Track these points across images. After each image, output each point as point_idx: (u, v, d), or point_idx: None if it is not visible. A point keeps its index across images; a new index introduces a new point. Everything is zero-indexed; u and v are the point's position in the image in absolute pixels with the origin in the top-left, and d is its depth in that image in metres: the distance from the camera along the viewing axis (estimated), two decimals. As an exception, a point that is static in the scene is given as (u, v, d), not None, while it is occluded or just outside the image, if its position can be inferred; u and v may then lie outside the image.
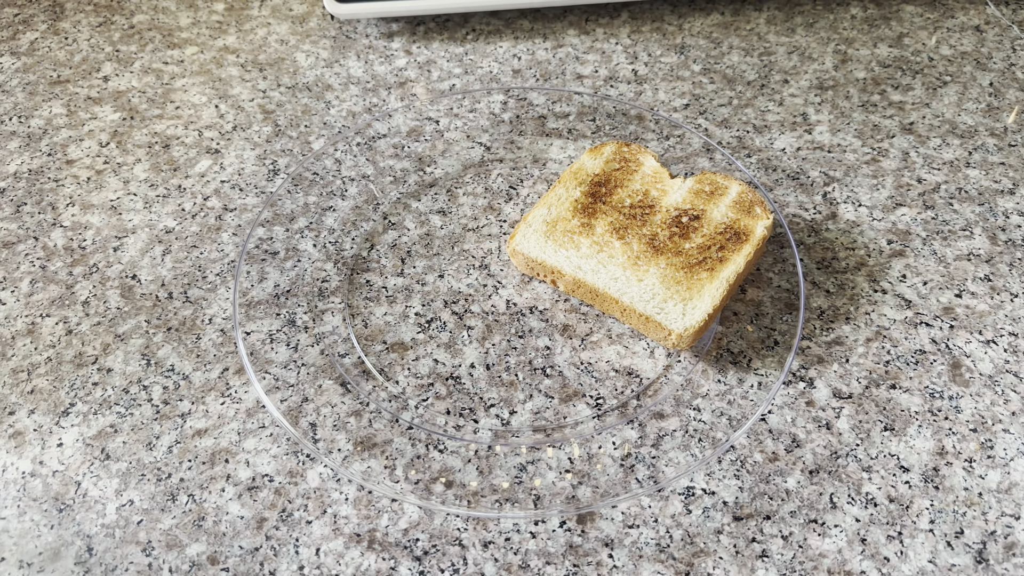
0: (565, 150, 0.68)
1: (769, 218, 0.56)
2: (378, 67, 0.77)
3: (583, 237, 0.58)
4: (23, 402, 0.54)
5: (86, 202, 0.66)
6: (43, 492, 0.50)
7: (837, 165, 0.67)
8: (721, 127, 0.70)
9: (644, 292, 0.55)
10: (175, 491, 0.50)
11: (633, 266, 0.56)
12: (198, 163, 0.69)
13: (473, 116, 0.72)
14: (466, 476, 0.50)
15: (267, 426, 0.52)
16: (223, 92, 0.75)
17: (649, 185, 0.60)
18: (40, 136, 0.72)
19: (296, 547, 0.47)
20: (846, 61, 0.76)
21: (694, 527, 0.47)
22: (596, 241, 0.57)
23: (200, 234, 0.63)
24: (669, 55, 0.77)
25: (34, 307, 0.59)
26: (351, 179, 0.67)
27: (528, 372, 0.55)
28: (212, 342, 0.57)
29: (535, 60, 0.77)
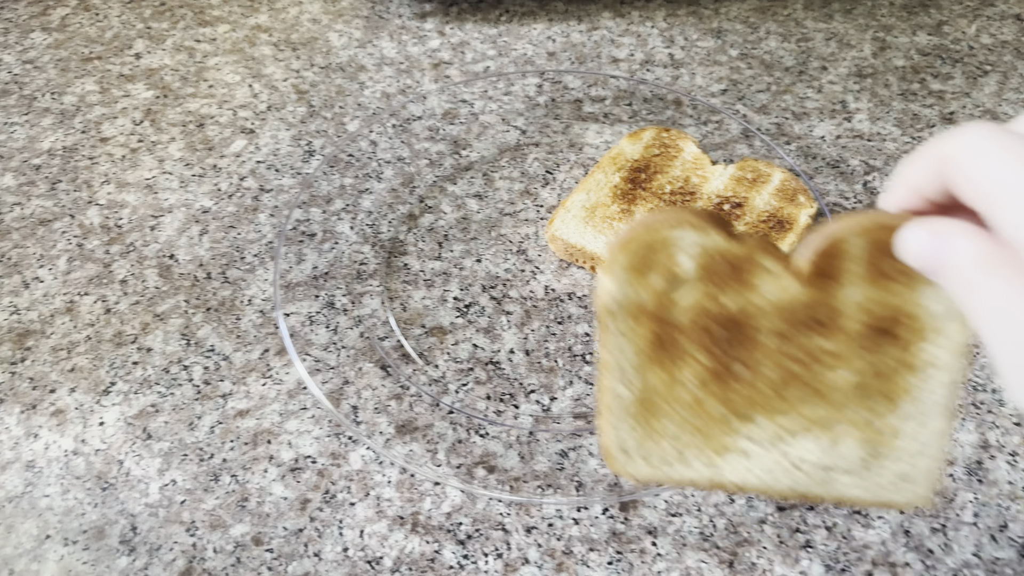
0: (601, 135, 0.68)
1: (813, 206, 0.56)
2: (411, 48, 0.77)
3: (623, 223, 0.57)
4: (64, 380, 0.54)
5: (121, 180, 0.66)
6: (86, 470, 0.50)
7: (877, 154, 0.66)
8: (760, 113, 0.69)
9: None
10: (218, 471, 0.50)
11: None
12: (233, 143, 0.68)
13: (508, 99, 0.71)
14: (508, 461, 0.50)
15: (308, 407, 0.52)
16: (256, 71, 0.75)
17: (690, 171, 0.60)
18: (73, 113, 0.72)
19: (340, 529, 0.47)
20: (885, 48, 0.75)
21: (738, 516, 0.47)
22: None
23: (237, 214, 0.63)
24: (706, 39, 0.76)
25: (72, 285, 0.59)
26: (387, 161, 0.67)
27: (568, 358, 0.55)
28: (252, 323, 0.57)
29: (570, 43, 0.76)
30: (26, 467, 0.50)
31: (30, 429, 0.52)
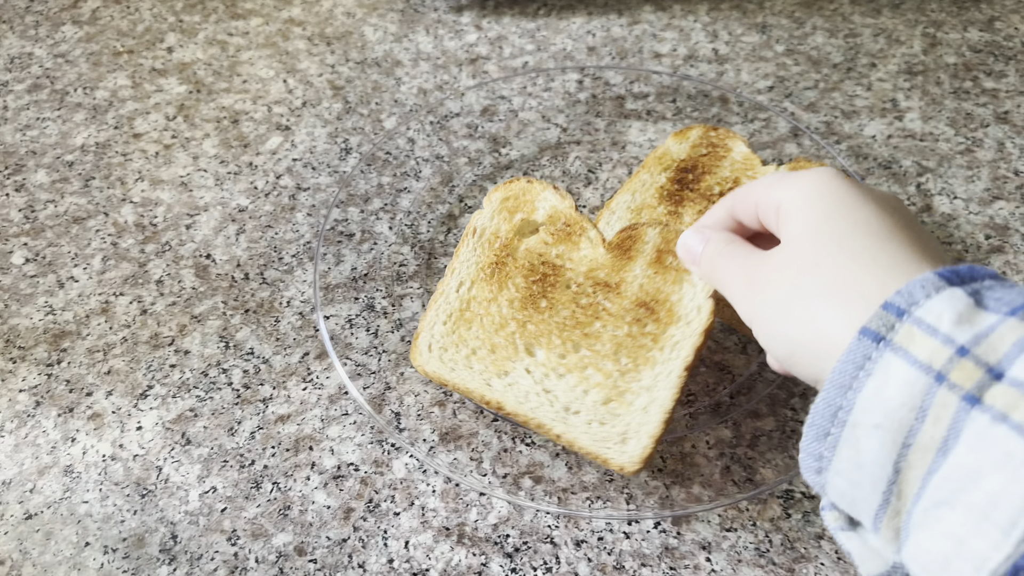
0: (645, 132, 0.66)
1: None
2: (448, 42, 0.75)
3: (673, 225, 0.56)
4: (100, 383, 0.53)
5: (155, 177, 0.65)
6: (124, 476, 0.49)
7: (930, 154, 0.64)
8: (808, 111, 0.67)
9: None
10: (259, 479, 0.49)
11: None
12: (268, 140, 0.67)
13: (548, 95, 0.70)
14: (555, 472, 0.48)
15: (350, 413, 0.51)
16: (290, 66, 0.73)
17: (739, 172, 0.58)
18: (106, 108, 0.71)
19: (385, 539, 0.46)
20: (935, 45, 0.73)
21: (794, 532, 0.46)
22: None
23: (274, 213, 0.62)
24: (751, 34, 0.74)
25: (107, 285, 0.58)
26: (425, 159, 0.65)
27: (615, 365, 0.53)
28: (291, 325, 0.55)
29: (610, 37, 0.75)
30: (64, 472, 0.49)
31: (67, 433, 0.51)
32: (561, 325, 0.46)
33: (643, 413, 0.43)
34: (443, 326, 0.48)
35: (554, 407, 0.45)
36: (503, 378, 0.46)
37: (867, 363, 0.27)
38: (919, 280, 0.27)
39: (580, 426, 0.44)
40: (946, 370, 0.25)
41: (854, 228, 0.32)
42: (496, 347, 0.47)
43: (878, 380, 0.26)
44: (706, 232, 0.41)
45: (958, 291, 0.27)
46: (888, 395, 0.26)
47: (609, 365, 0.45)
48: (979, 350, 0.25)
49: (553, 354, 0.46)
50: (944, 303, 0.26)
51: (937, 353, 0.25)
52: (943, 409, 0.25)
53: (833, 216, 0.33)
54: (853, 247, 0.31)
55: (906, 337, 0.26)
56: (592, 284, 0.47)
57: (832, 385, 0.28)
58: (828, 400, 0.28)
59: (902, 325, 0.27)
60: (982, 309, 0.26)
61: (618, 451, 0.43)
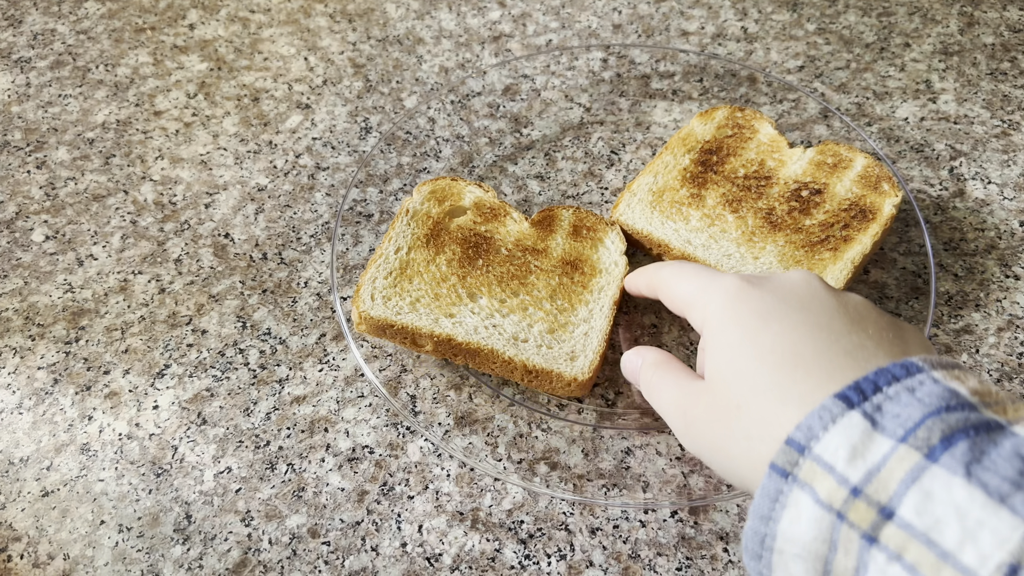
0: (670, 113, 0.65)
1: (898, 195, 0.52)
2: (471, 20, 0.74)
3: (692, 209, 0.55)
4: (118, 361, 0.53)
5: (175, 155, 0.65)
6: (140, 455, 0.49)
7: (964, 138, 0.62)
8: (839, 92, 0.65)
9: (761, 271, 0.51)
10: (274, 459, 0.48)
11: (748, 243, 0.53)
12: (288, 118, 0.67)
13: (571, 74, 0.68)
14: (571, 458, 0.48)
15: (366, 395, 0.51)
16: (312, 44, 0.73)
17: (765, 154, 0.56)
18: (127, 85, 0.70)
19: (398, 523, 0.46)
20: (972, 24, 0.71)
21: (814, 524, 0.45)
22: (707, 214, 0.54)
23: (293, 193, 0.61)
24: (781, 12, 0.72)
25: (126, 263, 0.58)
26: (445, 139, 0.64)
27: (635, 350, 0.52)
28: (308, 306, 0.55)
29: (636, 14, 0.73)
30: (81, 450, 0.49)
31: (84, 411, 0.51)
32: (499, 278, 0.51)
33: (584, 337, 0.49)
34: (384, 280, 0.50)
35: (503, 337, 0.49)
36: (450, 319, 0.49)
37: (780, 496, 0.29)
38: (818, 410, 0.29)
39: (531, 350, 0.48)
40: (844, 510, 0.27)
41: (769, 353, 0.33)
42: (439, 296, 0.50)
43: (791, 514, 0.28)
44: (641, 352, 0.44)
45: (856, 416, 0.28)
46: (801, 529, 0.28)
47: (547, 305, 0.50)
48: (871, 489, 0.27)
49: (495, 300, 0.50)
50: (840, 436, 0.28)
51: (835, 493, 0.27)
52: (849, 544, 0.27)
53: (746, 343, 0.35)
54: (768, 381, 0.33)
55: (808, 473, 0.28)
56: (521, 250, 0.53)
57: (754, 515, 0.30)
58: (754, 529, 0.30)
59: (804, 461, 0.28)
60: (878, 433, 0.27)
61: (568, 366, 0.48)
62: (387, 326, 0.48)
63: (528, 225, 0.54)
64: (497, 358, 0.48)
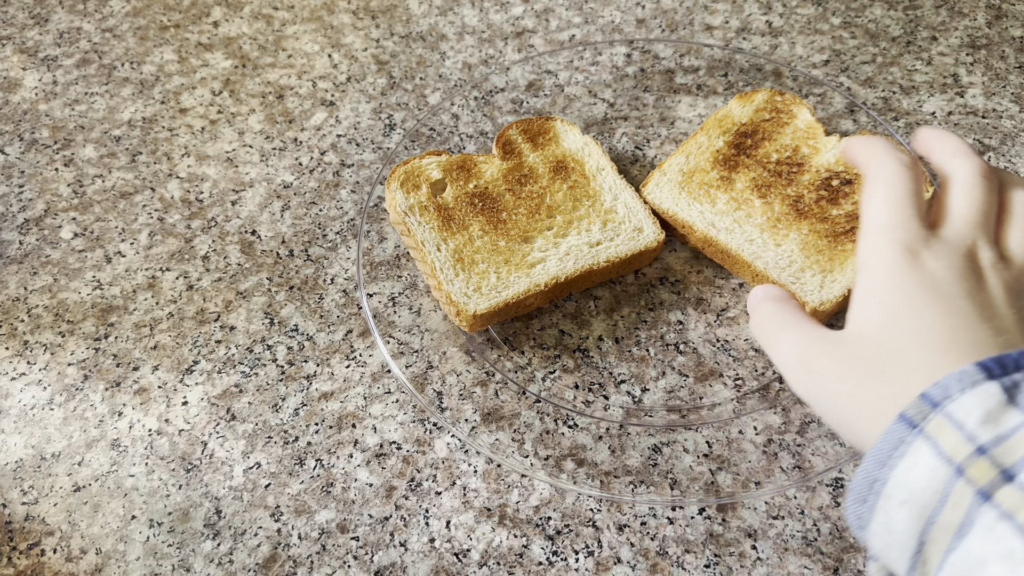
0: (695, 108, 0.64)
1: (930, 191, 0.52)
2: (493, 15, 0.74)
3: (720, 192, 0.54)
4: (147, 358, 0.54)
5: (201, 153, 0.65)
6: (170, 451, 0.49)
7: (993, 132, 0.61)
8: (865, 86, 0.65)
9: (780, 258, 0.51)
10: (303, 455, 0.49)
11: (772, 228, 0.52)
12: (313, 115, 0.67)
13: (595, 70, 0.68)
14: (598, 455, 0.48)
15: (393, 391, 0.51)
16: (335, 40, 0.73)
17: (800, 141, 0.56)
18: (152, 83, 0.71)
19: (426, 518, 0.46)
20: (1000, 17, 0.70)
21: (843, 521, 0.45)
22: (735, 197, 0.54)
23: (318, 190, 0.62)
24: (806, 6, 0.72)
25: (154, 260, 0.59)
26: (469, 136, 0.64)
27: (660, 348, 0.52)
28: (335, 303, 0.55)
29: (660, 9, 0.73)
30: (111, 446, 0.50)
31: (114, 407, 0.51)
32: (529, 215, 0.55)
33: (629, 210, 0.55)
34: (457, 277, 0.52)
35: (585, 253, 0.53)
36: (534, 268, 0.52)
37: (902, 444, 0.29)
38: (957, 373, 0.30)
39: (612, 246, 0.53)
40: (965, 465, 0.28)
41: (927, 331, 0.33)
42: (509, 260, 0.53)
43: (909, 462, 0.29)
44: (767, 287, 0.41)
45: (993, 387, 0.29)
46: (915, 477, 0.29)
47: (581, 209, 0.56)
48: (997, 451, 0.28)
49: (547, 232, 0.54)
50: (975, 400, 0.29)
51: (959, 448, 0.28)
52: (960, 499, 0.28)
53: (906, 314, 0.34)
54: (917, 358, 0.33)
55: (936, 427, 0.29)
56: (515, 184, 0.56)
57: (871, 459, 0.30)
58: (867, 471, 0.31)
59: (935, 415, 0.29)
60: (1013, 407, 0.28)
61: (644, 238, 0.54)
62: (497, 311, 0.51)
63: (499, 160, 0.58)
64: (596, 271, 0.53)
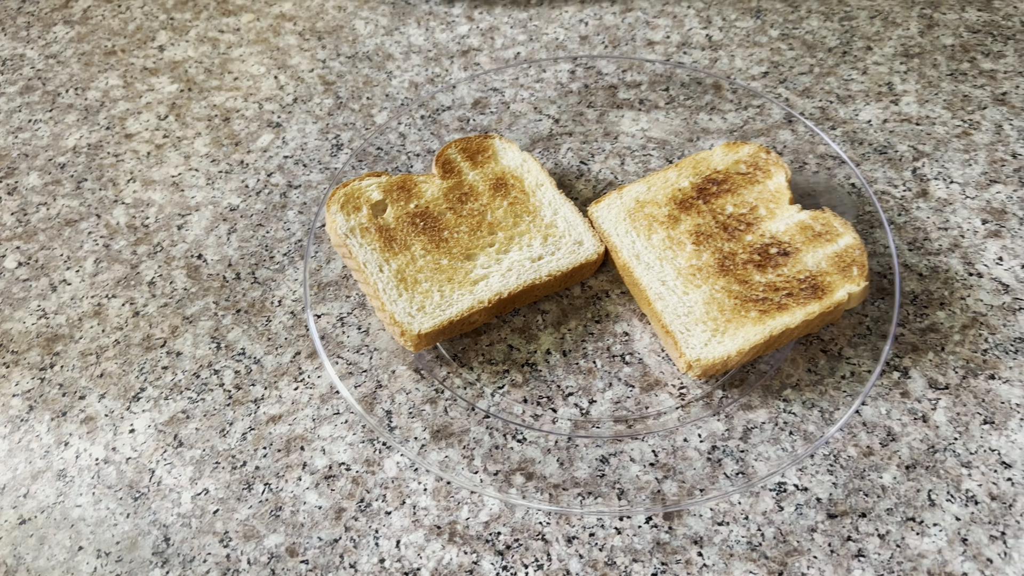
0: (637, 122, 0.65)
1: (860, 286, 0.50)
2: (439, 35, 0.74)
3: (662, 228, 0.55)
4: (93, 386, 0.53)
5: (147, 178, 0.65)
6: (117, 479, 0.49)
7: (926, 138, 0.63)
8: (803, 97, 0.66)
9: (681, 306, 0.51)
10: (251, 479, 0.49)
11: (689, 276, 0.52)
12: (260, 137, 0.67)
13: (540, 86, 0.69)
14: (546, 468, 0.48)
15: (341, 412, 0.51)
16: (282, 62, 0.73)
17: (762, 202, 0.56)
18: (97, 109, 0.70)
19: (376, 539, 0.46)
20: (932, 26, 0.72)
21: (787, 525, 0.46)
22: (671, 237, 0.54)
23: (265, 212, 0.62)
24: (745, 19, 0.73)
25: (99, 287, 0.58)
26: (416, 154, 0.65)
27: (607, 359, 0.53)
28: (283, 325, 0.55)
29: (603, 25, 0.74)
30: (58, 476, 0.49)
31: (60, 437, 0.51)
32: (471, 233, 0.56)
33: (569, 224, 0.56)
34: (401, 297, 0.52)
35: (527, 267, 0.54)
36: (477, 285, 0.53)
37: None
38: None
39: (553, 260, 0.54)
40: None
41: None
42: (452, 278, 0.53)
43: None
44: None
45: None
46: None
47: (522, 225, 0.56)
48: None
49: (488, 249, 0.55)
50: None
51: None
52: None
53: None
54: None
55: None
56: (456, 202, 0.57)
57: None
58: None
59: None
60: None
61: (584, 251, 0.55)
62: (442, 329, 0.51)
63: (439, 179, 0.58)
64: (539, 286, 0.53)
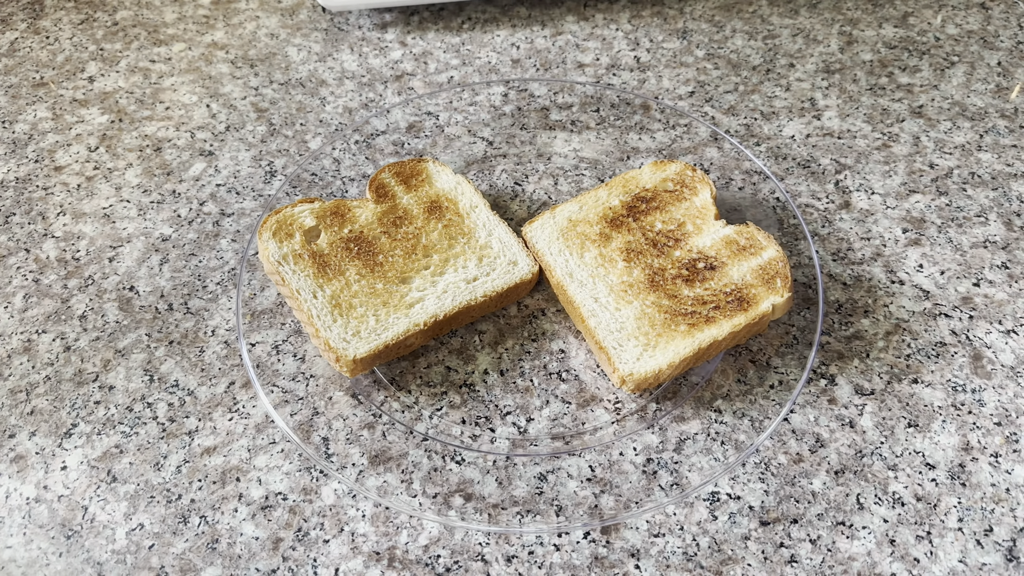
0: (569, 143, 0.67)
1: (783, 297, 0.52)
2: (373, 60, 0.75)
3: (593, 246, 0.56)
4: (23, 424, 0.52)
5: (77, 210, 0.64)
6: (49, 518, 0.48)
7: (848, 152, 0.65)
8: (728, 115, 0.68)
9: (613, 322, 0.52)
10: (186, 513, 0.48)
11: (621, 293, 0.53)
12: (192, 166, 0.67)
13: (473, 110, 0.70)
14: (485, 488, 0.49)
15: (277, 441, 0.51)
16: (214, 91, 0.73)
17: (689, 218, 0.57)
18: (26, 142, 0.69)
19: (314, 568, 0.46)
20: (852, 43, 0.74)
21: (721, 534, 0.46)
22: (603, 255, 0.55)
23: (198, 241, 0.61)
24: (671, 40, 0.75)
25: (29, 323, 0.57)
26: (351, 179, 0.65)
27: (544, 377, 0.53)
28: (216, 355, 0.55)
29: (534, 49, 0.75)
30: (-14, 518, 0.48)
31: (-11, 477, 0.50)
32: (405, 256, 0.56)
33: (504, 245, 0.57)
34: (335, 323, 0.52)
35: (463, 289, 0.54)
36: (412, 308, 0.53)
37: None
38: None
39: (488, 281, 0.55)
40: None
41: None
42: (387, 302, 0.54)
43: None
44: None
45: None
46: None
47: (457, 247, 0.57)
48: None
49: (424, 272, 0.55)
50: None
51: None
52: None
53: None
54: None
55: None
56: (390, 226, 0.57)
57: None
58: None
59: None
60: None
61: (519, 271, 0.56)
62: (378, 354, 0.51)
63: (373, 204, 0.59)
64: (475, 307, 0.54)
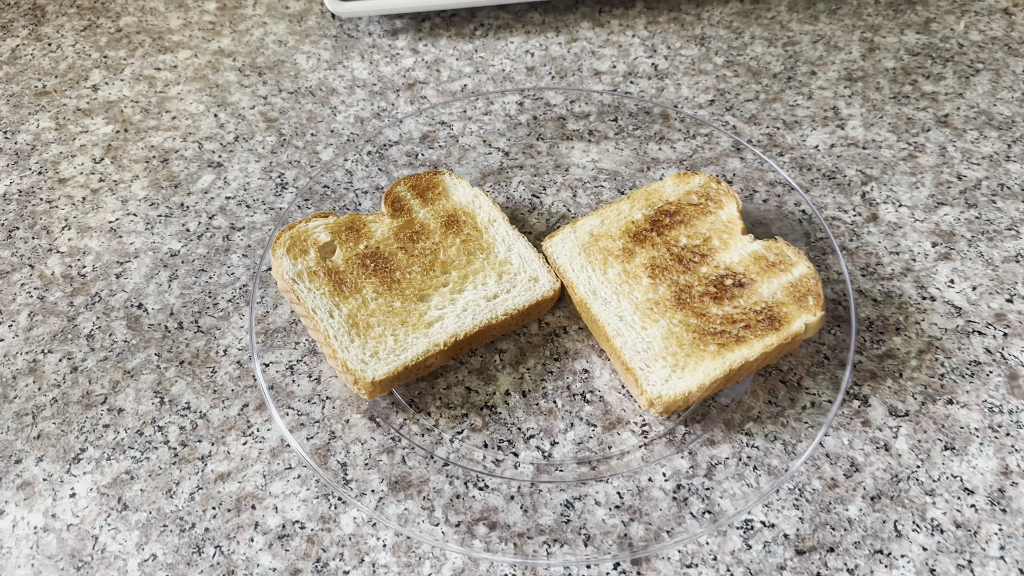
0: (587, 153, 0.65)
1: (816, 315, 0.50)
2: (384, 68, 0.73)
3: (617, 262, 0.54)
4: (30, 449, 0.50)
5: (83, 224, 0.62)
6: (58, 549, 0.46)
7: (873, 162, 0.64)
8: (750, 124, 0.67)
9: (640, 342, 0.51)
10: (200, 543, 0.46)
11: (646, 311, 0.52)
12: (200, 178, 0.65)
13: (488, 119, 0.68)
14: (510, 516, 0.47)
15: (294, 467, 0.49)
16: (221, 99, 0.71)
17: (715, 233, 0.55)
18: (28, 153, 0.68)
19: (334, 601, 0.44)
20: (873, 50, 0.73)
21: (756, 564, 0.45)
22: (627, 271, 0.54)
23: (208, 256, 0.59)
24: (689, 47, 0.74)
25: (35, 342, 0.55)
26: (364, 191, 0.63)
27: (567, 398, 0.52)
28: (229, 375, 0.53)
29: (549, 56, 0.73)
30: (-8, 549, 0.46)
31: (-5, 506, 0.48)
32: (423, 273, 0.54)
33: (525, 262, 0.55)
34: (353, 343, 0.51)
35: (482, 307, 0.53)
36: (431, 327, 0.52)
37: None
38: None
39: (509, 299, 0.53)
40: None
41: None
42: (405, 321, 0.52)
43: None
44: None
45: None
46: None
47: (476, 263, 0.55)
48: None
49: (443, 289, 0.54)
50: None
51: None
52: None
53: None
54: None
55: None
56: (407, 242, 0.56)
57: None
58: None
59: None
60: None
61: (541, 289, 0.54)
62: (397, 375, 0.49)
63: (388, 218, 0.57)
64: (495, 325, 0.52)
